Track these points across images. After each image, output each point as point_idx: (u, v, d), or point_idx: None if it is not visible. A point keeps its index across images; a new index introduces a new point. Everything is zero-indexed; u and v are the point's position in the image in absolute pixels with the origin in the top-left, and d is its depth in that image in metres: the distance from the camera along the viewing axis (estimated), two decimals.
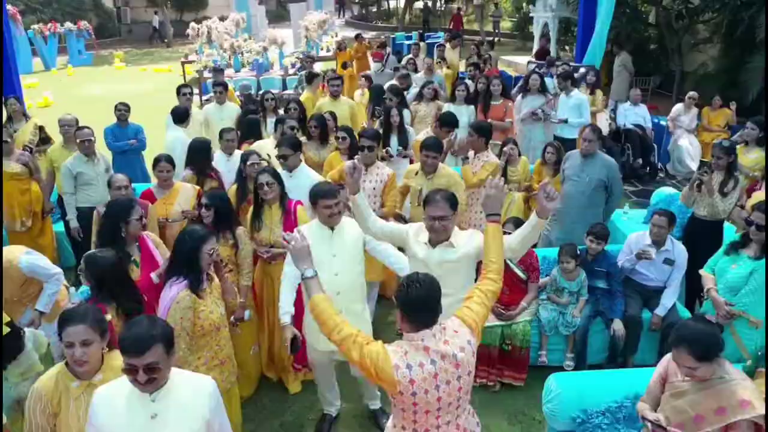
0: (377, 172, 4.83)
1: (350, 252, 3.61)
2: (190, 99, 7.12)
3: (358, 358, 2.34)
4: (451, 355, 2.34)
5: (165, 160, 4.77)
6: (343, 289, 3.56)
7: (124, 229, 3.67)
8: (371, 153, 4.77)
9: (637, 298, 4.52)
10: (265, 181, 4.11)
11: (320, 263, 3.49)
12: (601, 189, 5.03)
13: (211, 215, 3.97)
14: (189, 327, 3.08)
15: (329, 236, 3.60)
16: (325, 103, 7.39)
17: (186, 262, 3.10)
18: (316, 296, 2.58)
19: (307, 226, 3.68)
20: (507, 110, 7.33)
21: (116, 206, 3.77)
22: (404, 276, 2.49)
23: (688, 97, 9.13)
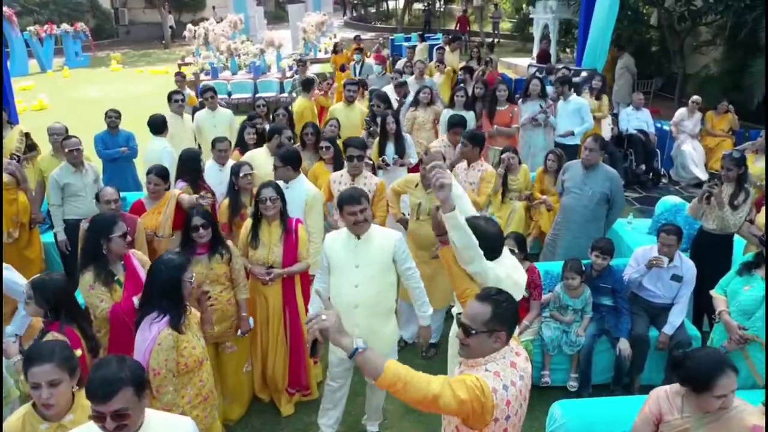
0: (365, 182, 4.66)
1: (375, 264, 3.42)
2: (182, 106, 6.94)
3: (467, 395, 2.07)
4: (528, 368, 2.28)
5: (155, 174, 4.60)
6: (363, 303, 3.40)
7: (106, 246, 3.49)
8: (359, 163, 4.61)
9: (643, 315, 4.35)
10: (268, 196, 3.90)
11: (341, 272, 3.44)
12: (604, 202, 4.86)
13: (209, 234, 3.80)
14: (174, 368, 2.87)
15: (354, 245, 3.43)
16: (337, 108, 7.26)
17: (166, 295, 2.88)
18: (386, 369, 2.09)
19: (336, 234, 3.55)
20: (513, 116, 7.13)
21: (98, 222, 3.59)
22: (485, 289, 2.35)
23: (691, 101, 8.95)
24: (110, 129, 6.91)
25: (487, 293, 2.28)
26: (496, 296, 2.24)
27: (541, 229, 6.14)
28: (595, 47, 10.35)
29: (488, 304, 2.20)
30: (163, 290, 2.87)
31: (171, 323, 2.83)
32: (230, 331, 3.97)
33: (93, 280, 3.44)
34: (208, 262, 3.81)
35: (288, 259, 3.97)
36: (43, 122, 12.69)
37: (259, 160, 5.41)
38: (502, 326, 2.20)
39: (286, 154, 4.56)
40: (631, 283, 4.38)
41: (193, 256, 3.81)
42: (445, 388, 2.08)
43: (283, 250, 3.96)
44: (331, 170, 5.48)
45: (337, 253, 3.47)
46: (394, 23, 30.90)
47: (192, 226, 3.79)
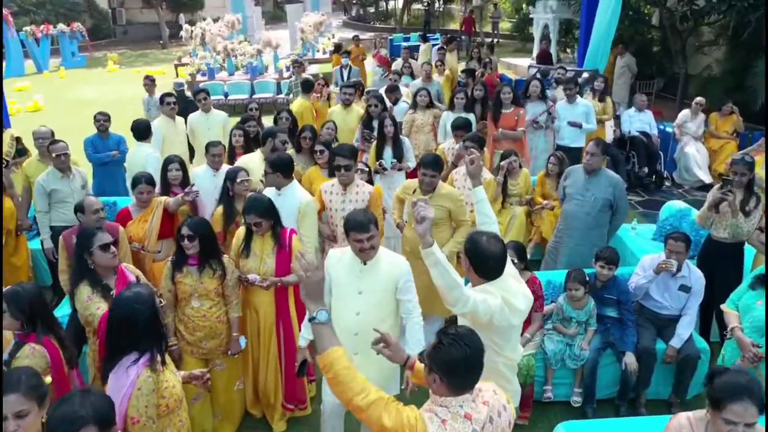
0: (356, 191, 4.46)
1: (379, 292, 3.23)
2: (174, 109, 6.76)
3: (392, 424, 1.99)
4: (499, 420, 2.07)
5: (145, 182, 4.42)
6: (364, 331, 3.20)
7: (90, 261, 3.33)
8: (348, 173, 4.39)
9: (650, 327, 4.19)
10: (252, 222, 3.75)
11: (344, 297, 3.25)
12: (607, 208, 4.69)
13: (195, 246, 3.63)
14: (154, 413, 2.60)
15: (359, 270, 3.23)
16: (335, 111, 7.08)
17: (151, 334, 2.59)
18: (331, 351, 2.16)
19: (341, 253, 3.33)
20: (519, 118, 6.93)
21: (79, 236, 3.43)
22: (439, 331, 2.13)
23: (695, 102, 8.79)
24: (100, 132, 6.75)
25: (443, 329, 2.13)
26: (444, 336, 2.06)
27: (543, 235, 5.99)
28: (598, 48, 10.18)
29: (436, 340, 2.06)
30: (148, 329, 2.57)
31: (150, 363, 2.56)
32: (220, 348, 3.81)
33: (90, 291, 3.30)
34: (198, 275, 3.65)
35: (281, 271, 3.81)
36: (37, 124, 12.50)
37: (253, 166, 5.23)
38: (437, 369, 2.02)
39: (276, 160, 4.38)
40: (638, 290, 4.21)
41: (185, 264, 3.67)
42: (375, 407, 2.03)
43: (276, 261, 3.81)
44: (326, 175, 5.33)
45: (340, 275, 3.29)
46: (393, 23, 30.74)
47: (179, 235, 3.64)
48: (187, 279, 3.63)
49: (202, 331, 3.71)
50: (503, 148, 6.86)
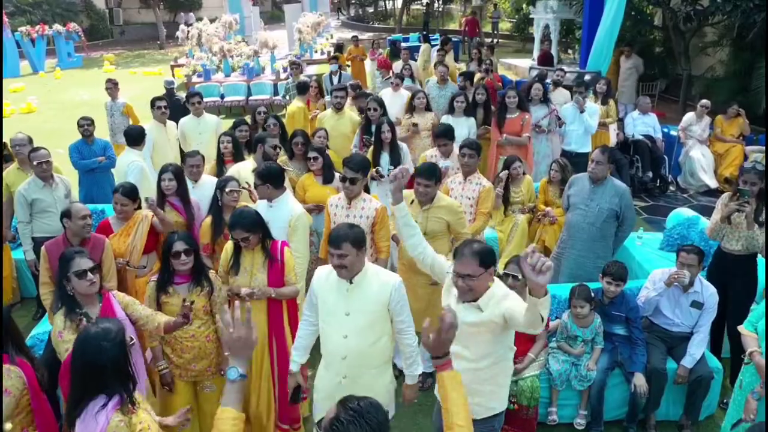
0: (363, 206, 4.18)
1: (368, 314, 3.02)
2: (165, 113, 6.53)
3: None
4: None
5: (122, 193, 4.19)
6: (352, 355, 3.03)
7: (69, 287, 3.10)
8: (353, 186, 4.12)
9: (660, 346, 3.98)
10: (239, 237, 3.53)
11: (329, 319, 3.06)
12: (612, 219, 4.47)
13: (191, 261, 3.44)
14: None
15: (346, 289, 3.02)
16: (326, 116, 6.81)
17: (119, 376, 2.32)
18: (222, 410, 1.99)
19: (328, 271, 3.12)
20: (524, 124, 6.67)
21: (60, 259, 3.18)
22: (340, 402, 1.82)
23: (700, 105, 8.59)
24: (84, 137, 6.55)
25: (344, 399, 1.82)
26: (344, 410, 1.76)
27: (545, 244, 5.78)
28: (601, 49, 9.96)
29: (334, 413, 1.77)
30: (117, 370, 2.30)
31: (121, 405, 2.29)
32: (210, 369, 3.60)
33: (63, 326, 3.04)
34: (186, 294, 3.45)
35: (273, 285, 3.61)
36: (30, 126, 12.31)
37: (245, 174, 5.02)
38: None
39: (264, 171, 4.16)
40: (648, 305, 3.99)
41: (171, 284, 3.46)
42: None
43: (268, 276, 3.60)
44: (320, 182, 5.12)
45: (327, 295, 3.09)
46: (393, 23, 30.53)
47: (173, 252, 3.41)
48: (174, 299, 3.43)
49: (191, 353, 3.50)
50: (507, 154, 6.64)
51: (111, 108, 8.20)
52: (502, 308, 2.67)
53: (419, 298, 4.09)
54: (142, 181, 5.61)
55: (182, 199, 4.58)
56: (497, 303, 2.70)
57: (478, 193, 4.60)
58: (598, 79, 9.07)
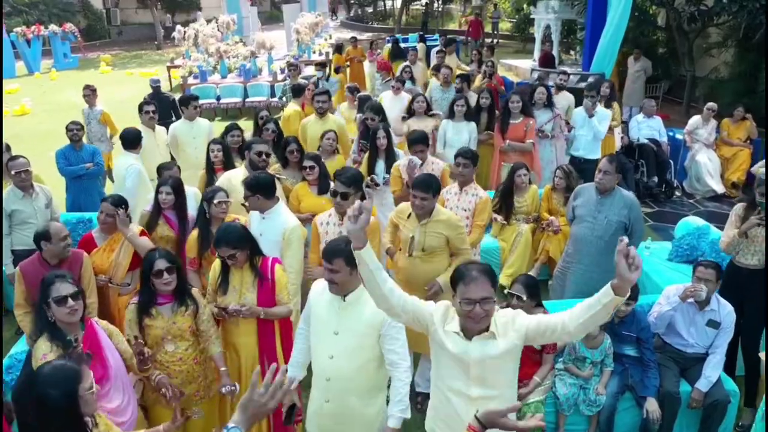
0: None
1: (358, 336, 2.82)
2: (153, 118, 6.29)
3: None
4: None
5: (111, 202, 3.94)
6: (337, 378, 2.84)
7: (49, 314, 2.87)
8: (345, 201, 3.83)
9: (673, 367, 3.76)
10: (225, 255, 3.31)
11: (318, 336, 2.88)
12: (621, 231, 4.21)
13: (174, 280, 3.22)
14: None
15: (338, 307, 2.85)
16: (310, 121, 6.50)
17: (63, 426, 2.10)
18: None
19: (324, 284, 2.93)
20: (528, 129, 6.41)
21: (41, 284, 2.94)
22: None
23: (706, 108, 8.37)
24: (73, 142, 6.33)
25: None
26: None
27: (550, 254, 5.56)
28: (606, 51, 9.72)
29: None
30: (61, 420, 2.07)
31: None
32: (198, 394, 3.39)
33: (48, 349, 2.82)
34: (170, 315, 3.23)
35: (263, 305, 3.39)
36: (23, 128, 12.06)
37: (236, 183, 4.76)
38: None
39: (253, 181, 3.93)
40: (661, 321, 3.75)
41: (153, 306, 3.23)
42: None
43: (258, 295, 3.38)
44: (316, 192, 4.88)
45: (319, 310, 2.91)
46: (392, 23, 30.30)
47: (155, 271, 3.18)
48: (157, 321, 3.21)
49: (179, 377, 3.28)
50: (511, 160, 6.41)
51: (88, 115, 7.87)
52: (519, 328, 2.39)
53: None
54: (140, 186, 5.41)
55: (179, 214, 4.35)
56: (511, 324, 2.41)
57: (475, 204, 4.38)
58: (602, 81, 8.84)
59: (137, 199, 5.26)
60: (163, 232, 4.30)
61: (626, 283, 2.08)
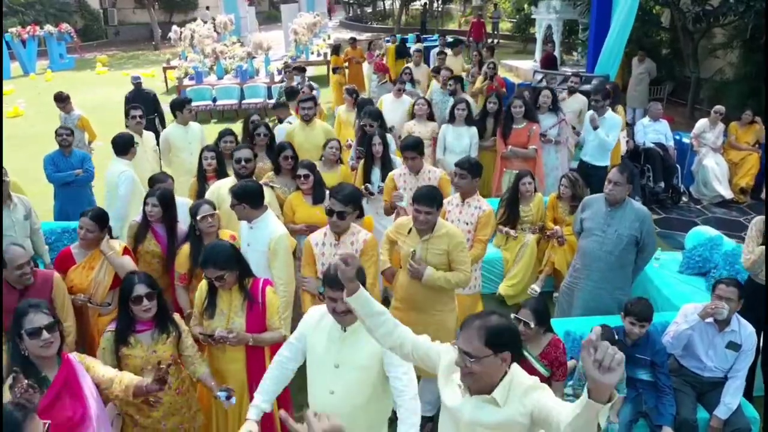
0: (352, 241, 3.64)
1: (360, 369, 2.59)
2: (141, 123, 6.05)
3: None
4: None
5: (90, 217, 3.67)
6: (338, 413, 2.58)
7: (22, 347, 2.62)
8: (341, 221, 3.54)
9: (689, 393, 3.53)
10: (213, 276, 3.07)
11: (317, 370, 2.63)
12: (632, 246, 3.98)
13: (155, 306, 3.01)
14: None
15: (338, 337, 2.61)
16: (296, 128, 6.20)
17: None
18: None
19: (321, 313, 2.70)
20: (531, 135, 6.16)
21: (14, 316, 2.68)
22: None
23: (714, 111, 8.13)
24: (62, 148, 6.11)
25: None
26: None
27: (555, 266, 5.33)
28: (611, 53, 9.48)
29: None
30: None
31: None
32: (182, 426, 3.15)
33: None
34: (150, 343, 3.00)
35: (252, 331, 3.16)
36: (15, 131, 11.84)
37: (225, 192, 4.53)
38: None
39: (239, 189, 3.72)
40: (677, 341, 3.52)
41: (131, 333, 3.00)
42: None
43: (246, 320, 3.15)
44: (310, 202, 4.64)
45: (316, 342, 2.66)
46: (391, 23, 30.06)
47: (134, 297, 2.95)
48: (136, 350, 2.98)
49: (160, 410, 3.05)
50: (514, 167, 6.19)
51: (65, 121, 7.54)
52: (529, 403, 2.04)
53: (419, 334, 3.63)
54: (134, 194, 5.17)
55: (168, 228, 4.08)
56: (523, 395, 2.06)
57: (477, 217, 4.11)
58: (606, 83, 8.62)
59: (130, 207, 5.04)
60: (150, 247, 4.06)
61: (599, 385, 1.62)
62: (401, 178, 4.81)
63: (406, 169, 4.80)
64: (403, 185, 4.78)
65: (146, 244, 4.06)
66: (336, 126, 7.53)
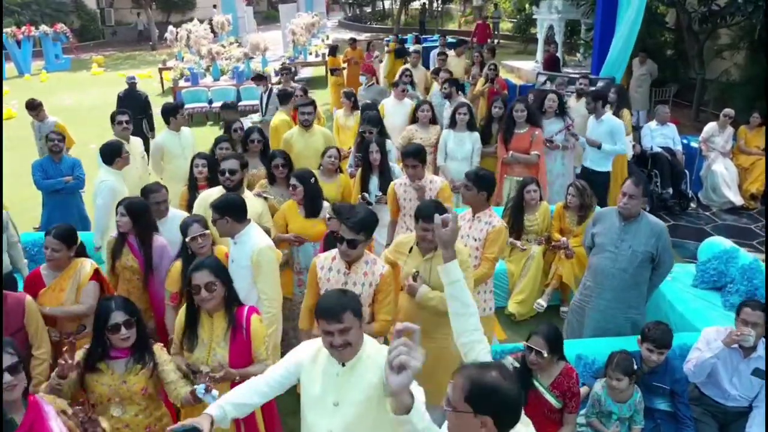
0: (365, 271, 3.21)
1: (362, 404, 2.35)
2: (127, 129, 5.78)
3: None
4: None
5: (54, 235, 3.40)
6: None
7: None
8: (352, 250, 3.12)
9: (711, 423, 3.30)
10: (203, 283, 2.81)
11: (314, 408, 2.38)
12: (647, 263, 3.73)
13: (133, 335, 2.76)
14: None
15: (336, 373, 2.37)
16: (294, 134, 5.93)
17: None
18: None
19: (316, 348, 2.45)
20: (534, 140, 5.90)
21: None
22: None
23: (723, 114, 7.90)
24: (52, 154, 5.88)
25: None
26: None
27: (563, 279, 5.09)
28: (618, 54, 9.22)
29: None
30: None
31: None
32: None
33: None
34: (123, 372, 2.75)
35: (236, 363, 2.90)
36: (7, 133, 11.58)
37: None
38: None
39: (221, 203, 3.47)
40: (700, 370, 3.27)
41: (102, 360, 2.76)
42: None
43: (230, 351, 2.89)
44: (303, 214, 4.39)
45: (313, 378, 2.41)
46: (391, 23, 29.81)
47: (111, 325, 2.70)
48: (105, 378, 2.73)
49: None
50: (515, 173, 5.93)
51: (39, 129, 7.24)
52: None
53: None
54: (112, 204, 4.90)
55: (141, 240, 3.80)
56: None
57: (486, 233, 3.80)
58: (612, 85, 8.37)
59: (110, 218, 4.78)
60: (128, 262, 3.79)
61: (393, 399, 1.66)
62: (401, 187, 4.57)
63: (407, 179, 4.55)
64: (404, 195, 4.54)
65: (123, 259, 3.79)
66: (334, 131, 7.28)
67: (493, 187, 4.02)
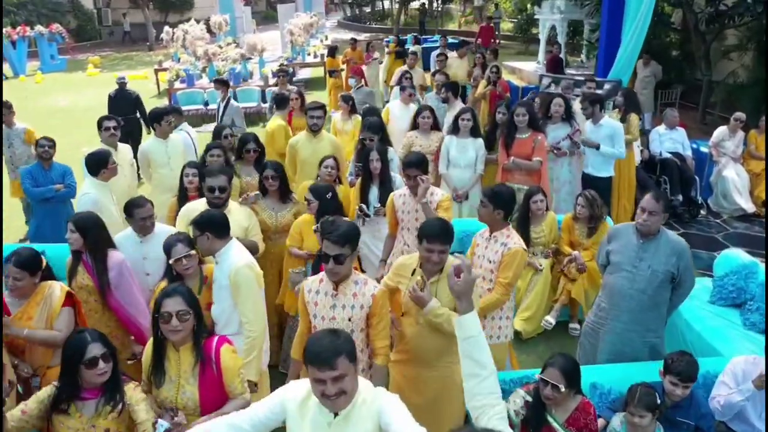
0: (354, 292, 2.95)
1: None
2: (115, 135, 5.50)
3: None
4: None
5: (14, 263, 3.08)
6: None
7: None
8: (339, 266, 2.86)
9: None
10: (175, 311, 2.57)
11: None
12: (667, 283, 3.47)
13: (109, 370, 2.51)
14: None
15: (328, 424, 2.12)
16: (300, 140, 5.64)
17: None
18: None
19: (304, 393, 2.19)
20: (536, 146, 5.62)
21: None
22: None
23: (733, 118, 7.65)
24: (42, 161, 5.64)
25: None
26: None
27: (572, 295, 4.84)
28: (625, 56, 8.96)
29: None
30: None
31: None
32: None
33: None
34: (92, 415, 2.50)
35: (207, 400, 2.64)
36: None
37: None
38: None
39: (202, 219, 3.25)
40: (728, 410, 3.03)
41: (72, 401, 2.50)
42: None
43: (199, 388, 2.63)
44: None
45: (299, 426, 2.17)
46: (390, 23, 29.56)
47: (87, 359, 2.45)
48: (72, 421, 2.47)
49: None
50: (515, 180, 5.66)
51: (8, 136, 6.80)
52: None
53: (422, 392, 3.14)
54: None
55: (94, 257, 3.48)
56: None
57: (502, 255, 3.52)
58: (618, 89, 8.13)
59: None
60: (83, 281, 3.50)
61: None
62: (401, 199, 4.30)
63: (406, 190, 4.28)
64: (403, 207, 4.27)
65: (78, 278, 3.51)
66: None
67: (512, 204, 3.74)
